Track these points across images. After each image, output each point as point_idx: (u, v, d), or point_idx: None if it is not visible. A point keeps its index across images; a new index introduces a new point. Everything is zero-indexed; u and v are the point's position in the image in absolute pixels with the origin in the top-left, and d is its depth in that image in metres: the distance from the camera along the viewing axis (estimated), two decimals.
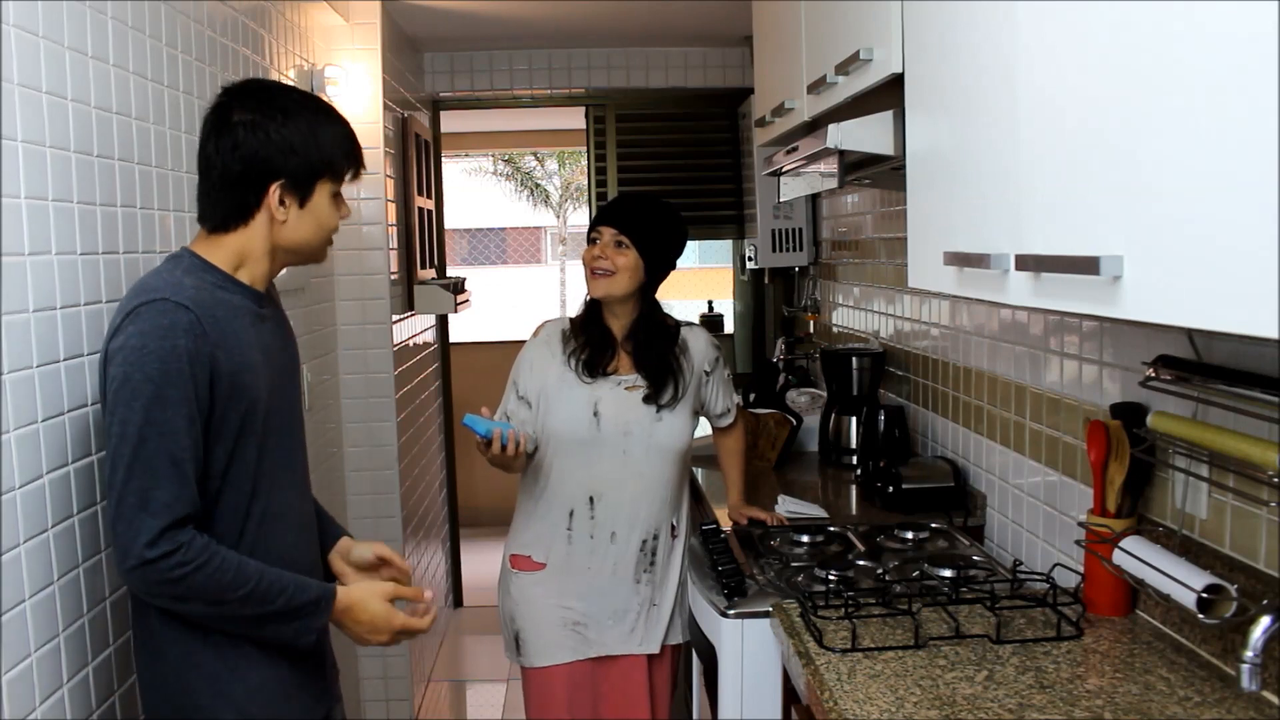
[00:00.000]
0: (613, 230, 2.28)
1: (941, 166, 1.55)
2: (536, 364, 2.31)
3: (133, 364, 1.39)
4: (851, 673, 1.56)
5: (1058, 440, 1.99)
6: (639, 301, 2.32)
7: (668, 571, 2.33)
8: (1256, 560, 1.46)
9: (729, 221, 4.59)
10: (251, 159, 1.52)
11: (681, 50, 4.50)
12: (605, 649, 2.30)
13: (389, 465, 3.52)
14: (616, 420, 2.26)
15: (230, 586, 1.44)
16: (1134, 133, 1.04)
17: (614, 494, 2.27)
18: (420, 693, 3.84)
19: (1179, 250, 0.96)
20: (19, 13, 1.42)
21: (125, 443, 1.39)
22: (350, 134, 1.62)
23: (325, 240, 1.63)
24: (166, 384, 1.39)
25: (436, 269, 4.42)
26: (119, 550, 1.39)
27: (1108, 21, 1.08)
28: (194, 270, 1.51)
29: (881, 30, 1.72)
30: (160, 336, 1.40)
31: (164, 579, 1.39)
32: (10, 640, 1.36)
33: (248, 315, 1.54)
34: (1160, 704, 1.43)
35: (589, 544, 2.28)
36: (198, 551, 1.41)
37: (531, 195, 18.46)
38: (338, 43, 3.36)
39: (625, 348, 2.32)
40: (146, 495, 1.38)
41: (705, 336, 2.41)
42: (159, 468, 1.39)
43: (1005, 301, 1.34)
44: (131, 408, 1.39)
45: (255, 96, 1.55)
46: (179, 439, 1.40)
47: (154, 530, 1.38)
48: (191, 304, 1.43)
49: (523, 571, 2.33)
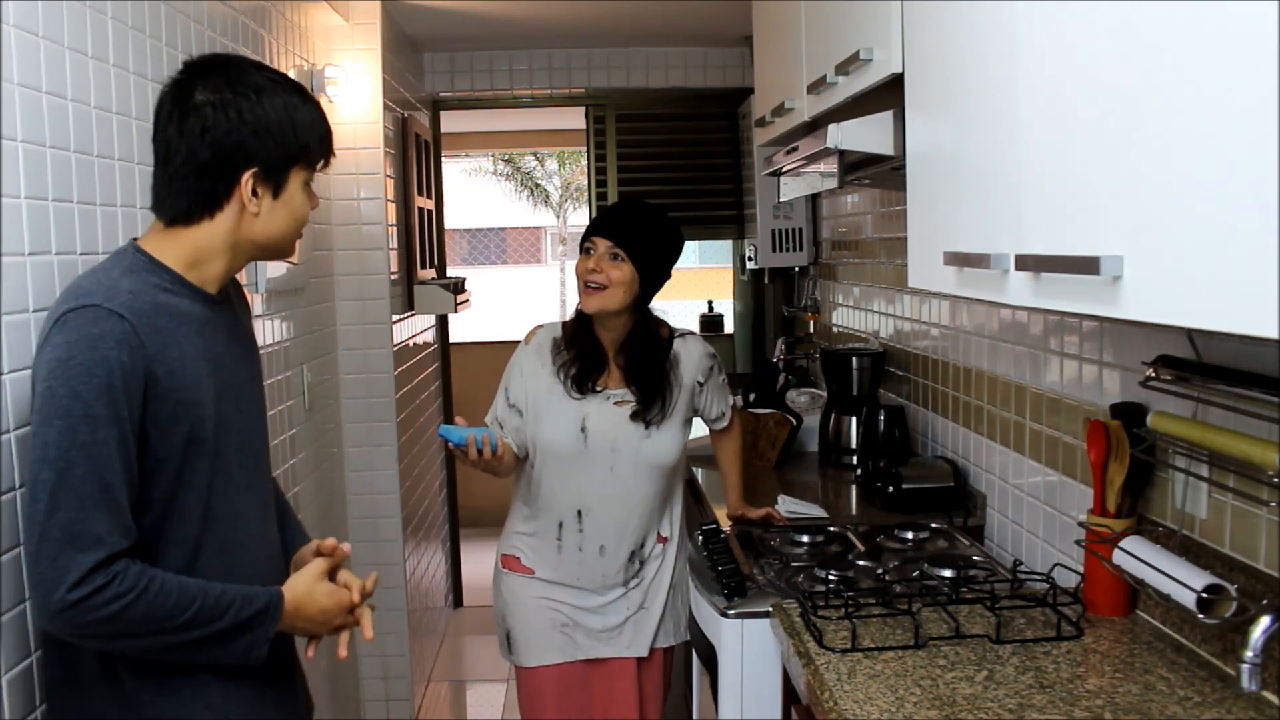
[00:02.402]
0: (608, 242, 2.19)
1: (941, 166, 1.55)
2: (527, 371, 2.28)
3: (57, 378, 1.23)
4: (851, 673, 1.56)
5: (1058, 440, 1.99)
6: (633, 313, 2.25)
7: (657, 577, 2.31)
8: (1256, 560, 1.46)
9: (729, 221, 4.59)
10: (222, 143, 1.35)
11: (681, 50, 4.50)
12: (594, 651, 2.29)
13: (389, 465, 3.52)
14: (604, 436, 2.22)
15: (173, 613, 1.28)
16: (1134, 132, 1.04)
17: (602, 509, 2.24)
18: (420, 693, 3.84)
19: (1179, 250, 0.96)
20: (19, 13, 1.42)
21: (47, 467, 1.22)
22: (324, 116, 1.47)
23: (296, 235, 1.47)
24: (95, 401, 1.23)
25: (436, 269, 4.42)
26: (39, 592, 1.21)
27: (1108, 21, 1.08)
28: (137, 270, 1.35)
29: (881, 30, 1.72)
30: (89, 347, 1.24)
31: (97, 618, 1.22)
32: (10, 640, 1.36)
33: (194, 322, 1.37)
34: (1160, 704, 1.43)
35: (577, 556, 2.26)
36: (133, 580, 1.24)
37: (531, 195, 18.46)
38: (338, 43, 3.36)
39: (617, 361, 2.27)
40: (74, 528, 1.21)
41: (700, 347, 2.35)
42: (88, 496, 1.22)
43: (1005, 301, 1.34)
44: (55, 427, 1.22)
45: (222, 73, 1.38)
46: (110, 463, 1.24)
47: (84, 567, 1.21)
48: (126, 311, 1.27)
49: (513, 572, 2.32)
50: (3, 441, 1.35)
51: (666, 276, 2.30)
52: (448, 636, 4.55)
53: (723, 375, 2.42)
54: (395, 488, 3.53)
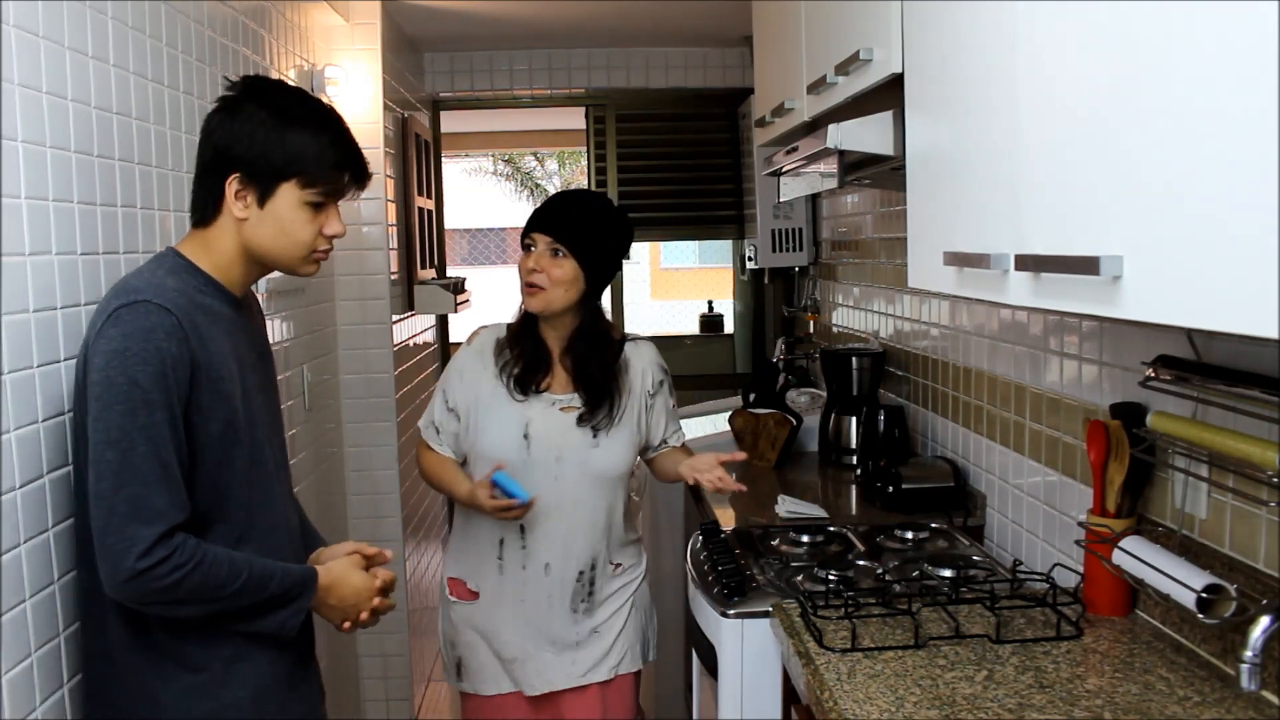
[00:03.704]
0: (547, 238, 2.07)
1: (941, 166, 1.55)
2: (468, 375, 2.15)
3: (115, 367, 1.35)
4: (851, 673, 1.56)
5: (1058, 440, 1.99)
6: (579, 311, 2.12)
7: (610, 599, 2.19)
8: (1256, 560, 1.46)
9: (729, 221, 4.59)
10: (216, 146, 1.49)
11: (681, 50, 4.49)
12: (547, 685, 2.16)
13: (389, 465, 3.52)
14: (548, 443, 2.09)
15: (224, 582, 1.41)
16: (1134, 132, 1.04)
17: (545, 523, 2.11)
18: (420, 693, 3.84)
19: (1178, 250, 0.96)
20: (19, 13, 1.42)
21: (111, 448, 1.34)
22: (340, 144, 1.53)
23: (299, 253, 1.53)
24: (151, 387, 1.35)
25: (436, 269, 4.42)
26: (109, 563, 1.34)
27: (1107, 21, 1.08)
28: (177, 271, 1.48)
29: (881, 30, 1.72)
30: (142, 339, 1.36)
31: (159, 586, 1.35)
32: (10, 640, 1.36)
33: (224, 323, 1.50)
34: (1160, 704, 1.43)
35: (521, 575, 2.13)
36: (190, 552, 1.37)
37: (532, 195, 18.45)
38: (338, 43, 3.36)
39: (563, 362, 2.14)
40: (139, 502, 1.33)
41: (652, 354, 2.23)
42: (149, 473, 1.34)
43: (1005, 301, 1.34)
44: (116, 411, 1.34)
45: (248, 89, 1.52)
46: (166, 443, 1.36)
47: (149, 539, 1.33)
48: (173, 306, 1.39)
49: (459, 601, 2.21)
50: (2, 441, 1.35)
51: (616, 269, 2.19)
52: None
53: (674, 399, 2.27)
54: (395, 488, 3.53)
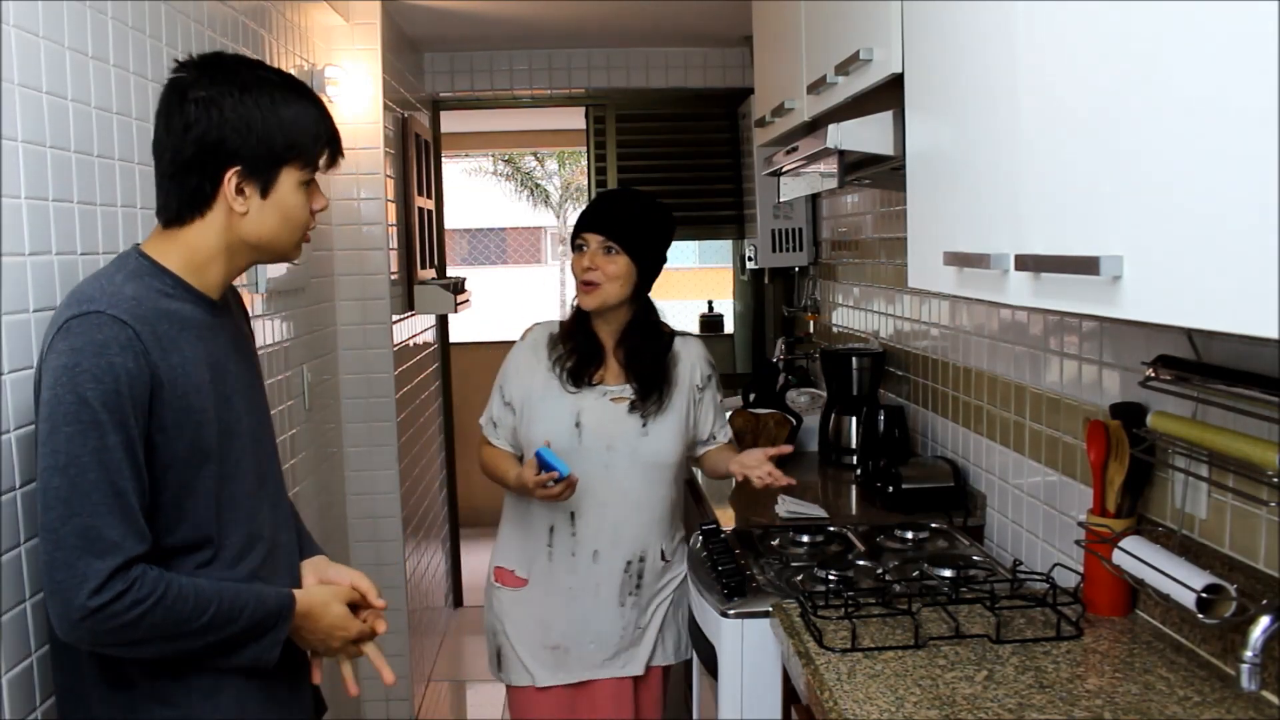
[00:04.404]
0: (600, 237, 2.17)
1: (941, 166, 1.55)
2: (522, 368, 2.24)
3: (64, 385, 1.22)
4: (851, 673, 1.56)
5: (1058, 440, 1.99)
6: (631, 305, 2.22)
7: (655, 595, 2.26)
8: (1256, 560, 1.46)
9: (729, 221, 4.59)
10: (204, 140, 1.32)
11: (681, 50, 4.49)
12: (586, 673, 2.23)
13: (389, 465, 3.52)
14: (599, 432, 2.16)
15: (190, 616, 1.28)
16: (1134, 132, 1.04)
17: (596, 511, 2.17)
18: (420, 693, 3.84)
19: (1178, 250, 0.96)
20: (19, 13, 1.42)
21: (59, 474, 1.21)
22: (322, 114, 1.43)
23: (296, 236, 1.44)
24: (102, 407, 1.22)
25: (436, 269, 4.42)
26: (59, 601, 1.21)
27: (1107, 21, 1.08)
28: (139, 275, 1.34)
29: (881, 30, 1.72)
30: (94, 354, 1.23)
31: (116, 624, 1.22)
32: (10, 640, 1.36)
33: (196, 327, 1.36)
34: (1160, 704, 1.43)
35: (570, 562, 2.19)
36: (151, 585, 1.24)
37: (531, 195, 18.44)
38: (338, 43, 3.36)
39: (616, 355, 2.23)
40: (90, 534, 1.21)
41: (700, 350, 2.31)
42: (101, 501, 1.22)
43: (1005, 301, 1.34)
44: (64, 434, 1.22)
45: (212, 70, 1.35)
46: (120, 468, 1.23)
47: (102, 574, 1.20)
48: (129, 317, 1.26)
49: (505, 587, 2.26)
50: (2, 441, 1.35)
51: (663, 261, 2.27)
52: (448, 636, 4.55)
53: (720, 395, 2.35)
54: (395, 488, 3.53)
